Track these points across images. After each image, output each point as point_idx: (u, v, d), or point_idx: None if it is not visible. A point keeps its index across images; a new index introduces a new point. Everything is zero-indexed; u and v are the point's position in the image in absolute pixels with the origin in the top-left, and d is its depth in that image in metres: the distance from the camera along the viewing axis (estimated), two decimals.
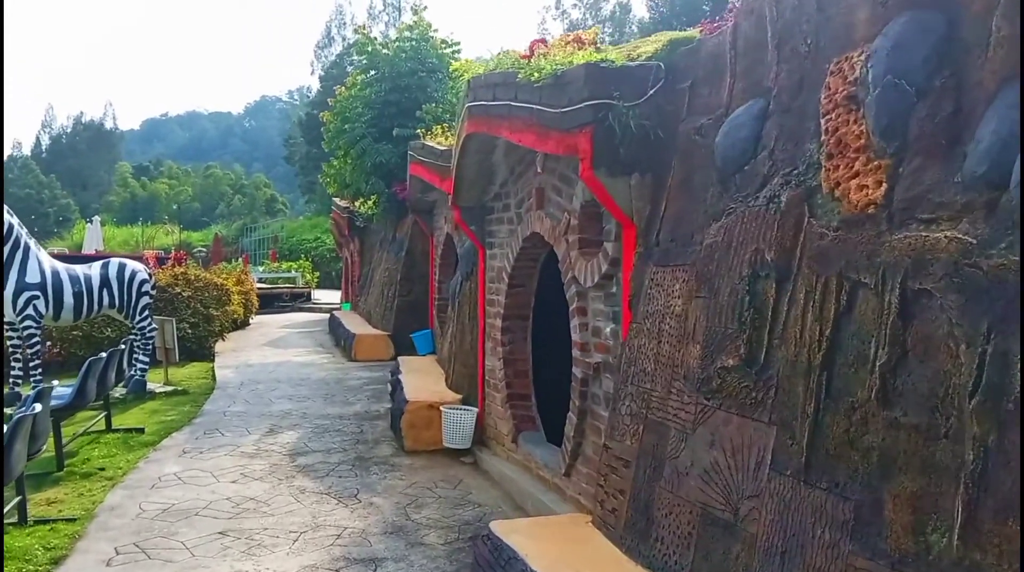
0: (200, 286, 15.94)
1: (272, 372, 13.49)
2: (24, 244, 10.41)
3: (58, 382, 10.33)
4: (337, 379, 12.67)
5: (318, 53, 76.07)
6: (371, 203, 17.21)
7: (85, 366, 7.88)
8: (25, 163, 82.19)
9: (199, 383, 12.66)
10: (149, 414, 10.26)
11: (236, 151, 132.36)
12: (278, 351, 16.44)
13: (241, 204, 74.95)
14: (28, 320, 10.31)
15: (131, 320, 11.43)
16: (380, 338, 14.71)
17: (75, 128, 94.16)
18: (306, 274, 33.80)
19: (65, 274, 10.75)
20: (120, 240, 57.36)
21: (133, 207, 74.58)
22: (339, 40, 73.20)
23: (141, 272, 11.47)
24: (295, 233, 53.04)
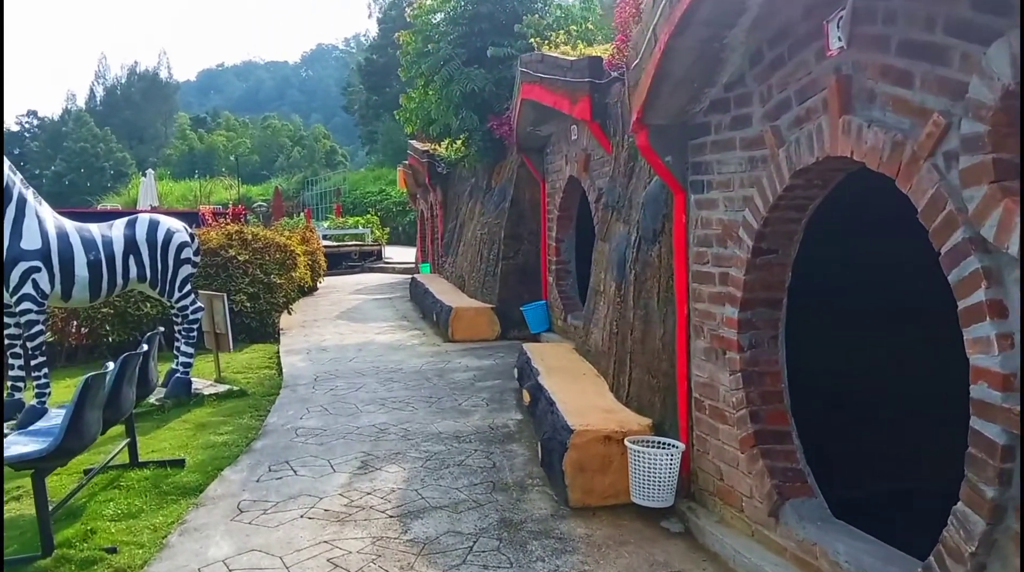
0: (259, 248, 13.06)
1: (353, 359, 10.58)
2: (18, 196, 7.56)
3: (44, 402, 7.58)
4: (437, 370, 9.69)
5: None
6: (459, 143, 14.08)
7: (80, 389, 4.88)
8: (79, 116, 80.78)
9: (260, 377, 9.81)
10: (193, 432, 7.41)
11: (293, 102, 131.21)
12: (355, 326, 13.55)
13: (300, 156, 73.38)
14: (26, 301, 7.49)
15: (168, 297, 8.55)
16: (482, 312, 11.68)
17: (129, 79, 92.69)
18: (375, 230, 30.96)
19: (77, 237, 7.89)
20: (178, 194, 55.74)
21: (191, 160, 73.13)
22: None
23: (180, 232, 8.56)
24: (358, 185, 50.89)
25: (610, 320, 6.68)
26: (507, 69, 12.93)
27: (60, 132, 78.80)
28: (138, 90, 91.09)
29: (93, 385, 4.89)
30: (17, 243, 7.47)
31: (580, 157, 9.24)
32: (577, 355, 7.99)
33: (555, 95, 8.57)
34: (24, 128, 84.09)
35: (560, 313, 10.57)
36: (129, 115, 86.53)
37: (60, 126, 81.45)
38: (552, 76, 8.55)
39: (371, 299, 17.85)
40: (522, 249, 11.61)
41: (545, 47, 10.41)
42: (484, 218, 13.17)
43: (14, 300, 7.52)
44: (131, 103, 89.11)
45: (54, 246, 7.67)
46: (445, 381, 9.04)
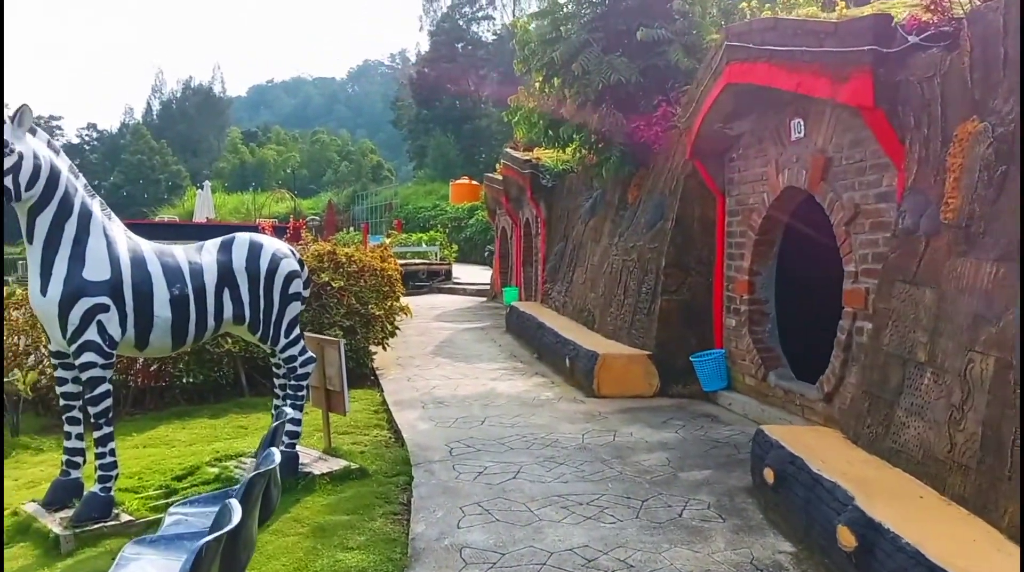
0: (354, 272, 10.94)
1: (484, 420, 8.35)
2: (81, 208, 5.49)
3: (109, 488, 5.44)
4: (609, 447, 7.38)
5: (426, 7, 72.04)
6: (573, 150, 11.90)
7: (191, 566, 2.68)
8: (137, 129, 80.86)
9: (375, 443, 7.63)
10: (311, 544, 5.20)
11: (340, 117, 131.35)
12: (462, 368, 11.36)
13: (348, 171, 73.21)
14: (89, 350, 5.39)
15: (272, 344, 6.42)
16: (636, 361, 9.38)
17: (184, 93, 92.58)
18: (443, 248, 28.88)
19: (157, 265, 5.79)
20: (231, 207, 54.73)
21: (242, 173, 72.65)
22: None
23: (288, 258, 6.41)
24: (409, 200, 49.39)
25: (984, 419, 4.30)
26: (657, 55, 10.76)
27: (118, 145, 78.92)
28: (193, 104, 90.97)
29: (206, 557, 2.71)
30: (79, 271, 5.38)
31: (814, 161, 6.98)
32: (858, 451, 5.50)
33: (799, 74, 6.32)
34: (84, 141, 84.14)
35: (753, 368, 8.28)
36: (184, 128, 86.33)
37: (118, 139, 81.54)
38: (796, 47, 6.31)
39: (461, 329, 15.69)
40: (688, 282, 9.33)
41: (766, 10, 8.19)
42: (623, 240, 10.92)
43: (73, 348, 5.43)
44: (186, 117, 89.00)
45: (127, 276, 5.58)
46: (630, 467, 6.75)
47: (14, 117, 5.16)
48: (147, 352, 5.93)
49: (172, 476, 6.43)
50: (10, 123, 5.14)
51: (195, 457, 7.02)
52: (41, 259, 5.36)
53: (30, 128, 5.28)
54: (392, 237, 30.97)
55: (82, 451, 5.81)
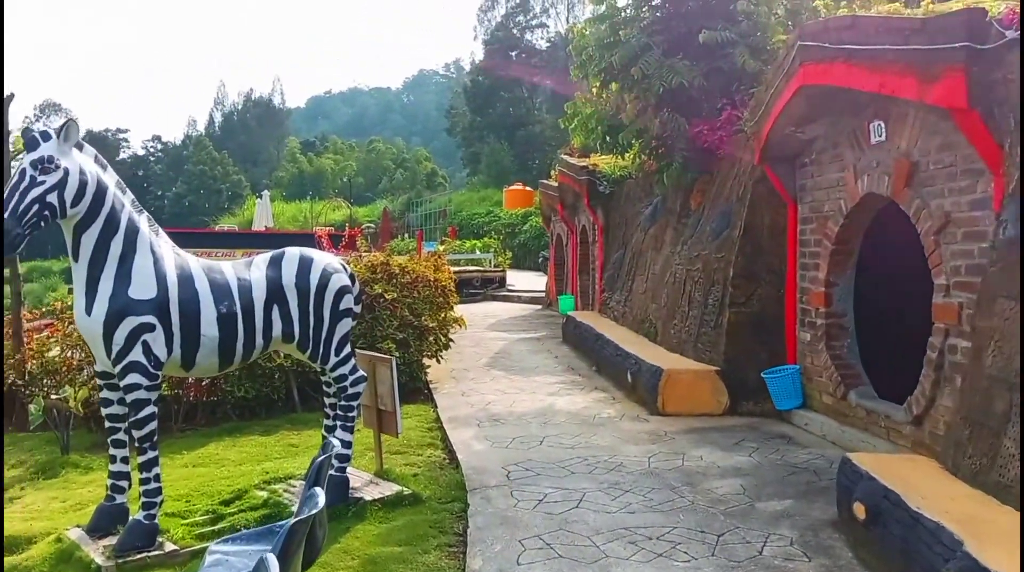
0: (407, 283, 10.67)
1: (543, 439, 7.97)
2: (128, 224, 5.28)
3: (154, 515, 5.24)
4: (678, 472, 6.92)
5: (481, 17, 72.27)
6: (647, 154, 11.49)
7: None
8: (199, 140, 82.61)
9: (429, 464, 7.30)
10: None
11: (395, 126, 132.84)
12: (518, 381, 11.00)
13: (403, 178, 74.04)
14: (134, 372, 5.16)
15: (322, 362, 6.13)
16: (704, 377, 8.91)
17: (245, 105, 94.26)
18: (497, 255, 28.59)
19: (204, 282, 5.54)
20: (289, 216, 55.39)
21: (301, 182, 73.71)
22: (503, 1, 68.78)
23: (339, 273, 6.12)
24: (463, 206, 49.42)
25: None
26: (721, 58, 10.31)
27: (181, 156, 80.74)
28: (253, 115, 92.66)
29: None
30: (124, 290, 5.16)
31: (898, 166, 6.46)
32: (959, 484, 4.94)
33: (882, 74, 5.82)
34: (149, 152, 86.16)
35: (831, 386, 7.75)
36: (244, 139, 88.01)
37: (181, 150, 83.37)
38: (878, 46, 5.82)
39: (516, 339, 15.33)
40: (757, 293, 8.83)
41: (841, 8, 7.71)
42: (686, 249, 10.46)
43: (118, 369, 5.20)
44: (246, 128, 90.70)
45: (174, 294, 5.34)
46: (702, 495, 6.31)
47: (60, 131, 4.98)
48: (193, 372, 5.70)
49: (219, 500, 6.18)
50: (56, 138, 4.95)
51: (244, 479, 6.77)
52: (86, 277, 5.15)
53: (76, 143, 5.10)
54: (446, 244, 30.83)
55: (127, 475, 5.59)
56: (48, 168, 4.84)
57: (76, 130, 5.02)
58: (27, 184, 4.78)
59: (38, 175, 4.82)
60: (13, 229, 4.68)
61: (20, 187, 4.76)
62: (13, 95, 8.29)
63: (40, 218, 4.82)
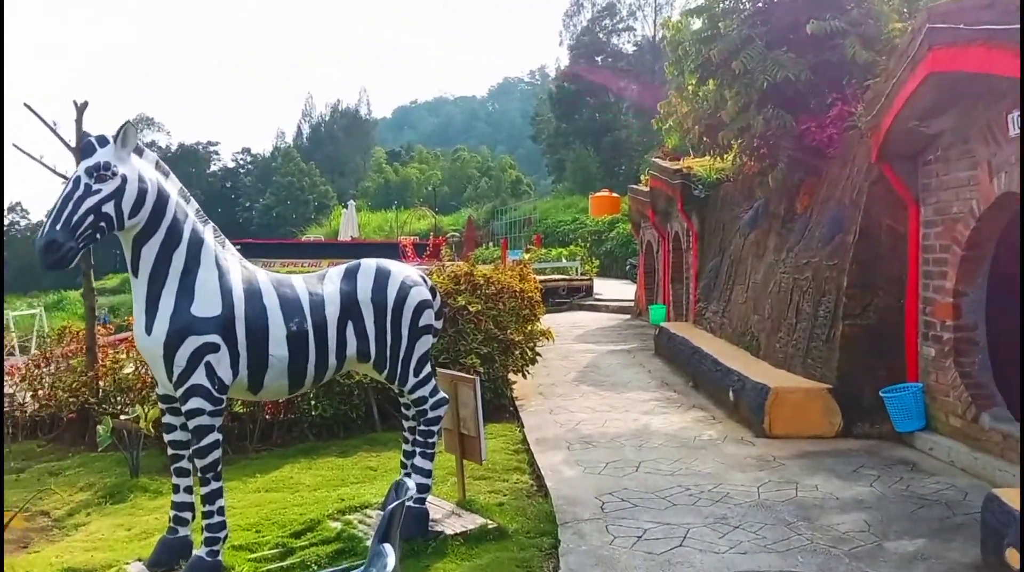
0: (492, 294, 10.17)
1: (639, 465, 7.30)
2: (191, 235, 4.89)
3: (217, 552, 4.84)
4: (791, 504, 6.20)
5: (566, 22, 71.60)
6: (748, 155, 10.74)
7: None
8: (287, 152, 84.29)
9: (516, 492, 6.74)
10: None
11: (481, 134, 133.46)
12: (609, 398, 10.35)
13: (488, 186, 73.96)
14: (197, 396, 4.76)
15: (400, 384, 5.63)
16: (814, 395, 8.11)
17: (332, 116, 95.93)
18: (584, 263, 27.95)
19: (274, 297, 5.10)
20: (375, 225, 55.85)
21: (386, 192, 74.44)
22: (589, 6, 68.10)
23: (419, 286, 5.62)
24: (548, 214, 48.88)
25: None
26: (830, 50, 9.50)
27: (270, 167, 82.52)
28: (340, 127, 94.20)
29: None
30: (187, 307, 4.76)
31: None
32: None
33: None
34: (239, 164, 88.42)
35: (959, 407, 6.88)
36: (331, 150, 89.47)
37: (270, 162, 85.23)
38: None
39: (606, 351, 14.67)
40: (874, 304, 7.99)
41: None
42: (792, 256, 9.64)
43: (179, 393, 4.81)
44: (333, 139, 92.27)
45: (240, 311, 4.93)
46: (821, 532, 5.57)
47: (117, 136, 4.60)
48: (262, 395, 5.28)
49: (290, 531, 5.75)
50: (113, 143, 4.59)
51: (318, 506, 6.34)
52: (147, 293, 4.78)
53: (136, 148, 4.73)
54: (531, 252, 30.33)
55: (191, 505, 5.21)
56: (104, 175, 4.48)
57: (134, 134, 4.64)
58: (81, 193, 4.42)
59: (93, 183, 4.46)
60: (65, 242, 4.31)
61: (74, 196, 4.40)
62: (87, 103, 8.12)
63: (95, 230, 4.46)
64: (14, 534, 6.48)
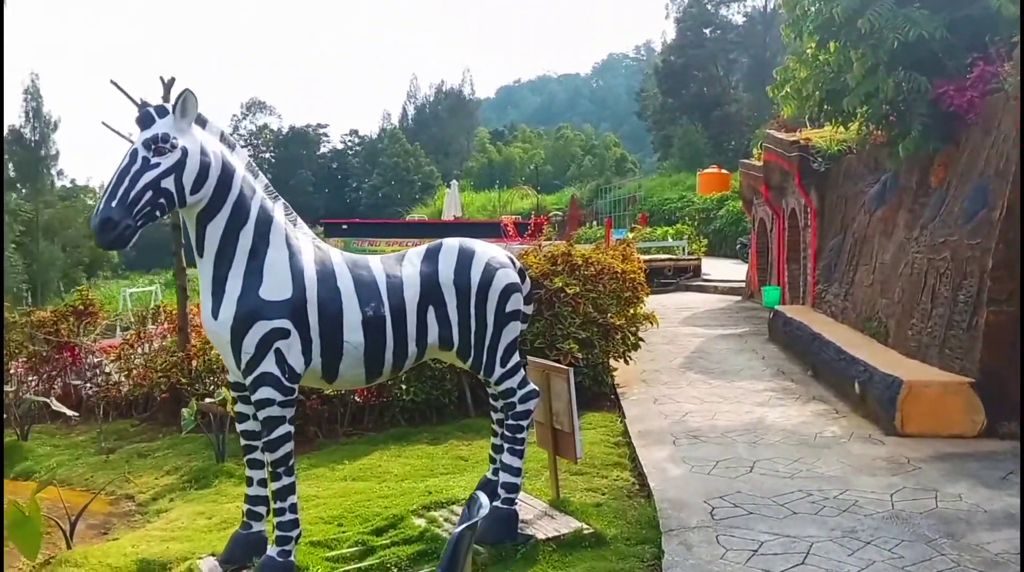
0: (591, 276, 9.59)
1: (753, 464, 6.63)
2: (259, 213, 4.51)
3: (289, 553, 4.46)
4: (931, 517, 5.42)
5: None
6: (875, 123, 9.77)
7: None
8: (393, 133, 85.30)
9: (615, 491, 6.19)
10: None
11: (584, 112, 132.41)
12: (719, 388, 9.63)
13: (591, 165, 73.20)
14: (266, 385, 4.40)
15: (486, 373, 5.15)
16: (954, 390, 7.22)
17: (437, 97, 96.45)
18: (692, 242, 26.93)
19: (348, 279, 4.69)
20: (478, 205, 55.91)
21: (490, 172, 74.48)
22: None
23: (505, 268, 5.09)
24: (653, 192, 47.73)
25: None
26: (969, 4, 8.47)
27: (376, 148, 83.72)
28: (444, 107, 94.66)
29: None
30: (254, 289, 4.40)
31: None
32: None
33: None
34: (347, 146, 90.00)
35: None
36: (436, 131, 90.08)
37: (377, 143, 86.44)
38: None
39: (715, 336, 13.86)
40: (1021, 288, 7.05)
41: None
42: (927, 234, 8.68)
43: (248, 381, 4.46)
44: (438, 119, 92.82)
45: (312, 294, 4.53)
46: (970, 553, 4.80)
47: (175, 105, 4.24)
48: (337, 384, 4.90)
49: (372, 527, 5.38)
50: (172, 114, 4.23)
51: (404, 499, 5.97)
52: (213, 275, 4.44)
53: (199, 119, 4.37)
54: (636, 231, 29.49)
55: (265, 499, 4.88)
56: (163, 148, 4.13)
57: (194, 103, 4.27)
58: (139, 167, 4.08)
59: (152, 156, 4.11)
60: (122, 220, 3.98)
61: (131, 171, 4.06)
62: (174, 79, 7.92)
63: (154, 207, 4.12)
64: (96, 519, 6.38)
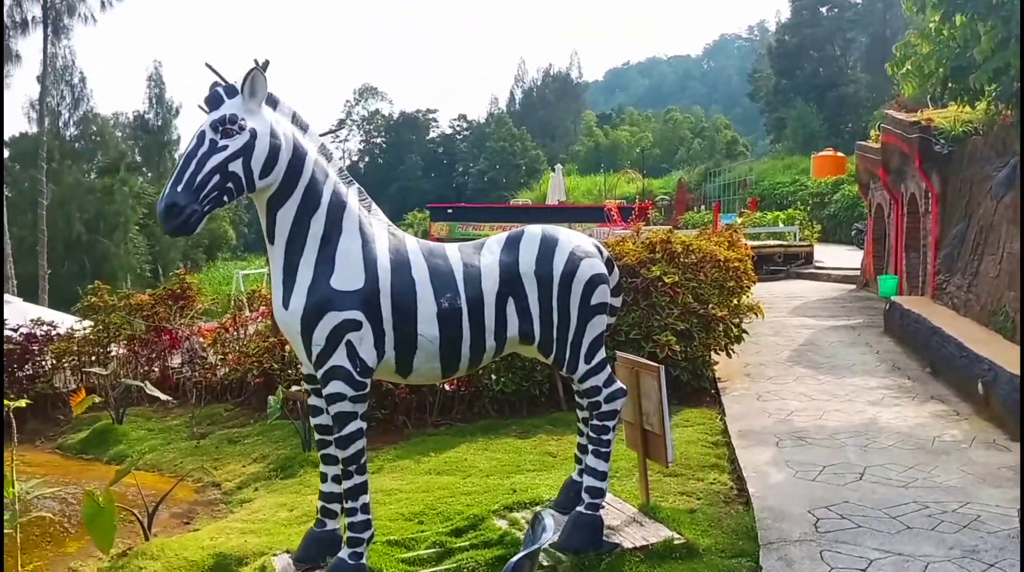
0: (692, 264, 9.14)
1: (863, 471, 6.11)
2: (332, 198, 4.33)
3: (360, 555, 4.29)
4: None
5: None
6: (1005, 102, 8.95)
7: None
8: (500, 117, 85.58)
9: (710, 497, 5.80)
10: None
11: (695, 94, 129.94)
12: (827, 384, 9.03)
13: (701, 148, 71.76)
14: (337, 379, 4.23)
15: (570, 370, 4.84)
16: None
17: (544, 80, 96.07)
18: (804, 228, 25.81)
19: (423, 268, 4.47)
20: (583, 189, 55.47)
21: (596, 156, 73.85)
22: None
23: (591, 258, 4.76)
24: (765, 175, 46.31)
25: None
26: None
27: (484, 133, 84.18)
28: (551, 91, 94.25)
29: None
30: (325, 279, 4.22)
31: None
32: None
33: None
34: (455, 131, 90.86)
35: None
36: (543, 115, 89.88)
37: (484, 127, 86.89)
38: None
39: (826, 327, 13.13)
40: None
41: None
42: None
43: (319, 374, 4.31)
44: (545, 103, 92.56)
45: (385, 284, 4.33)
46: None
47: (243, 84, 4.09)
48: (411, 379, 4.69)
49: (452, 527, 5.19)
50: (240, 94, 4.09)
51: (487, 497, 5.76)
52: (284, 263, 4.29)
53: (269, 99, 4.21)
54: (745, 216, 28.51)
55: (340, 496, 4.72)
56: (231, 130, 3.97)
57: (263, 82, 4.11)
58: (206, 150, 3.94)
59: (219, 139, 3.96)
60: (188, 205, 3.85)
61: (197, 154, 3.92)
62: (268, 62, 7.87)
63: (222, 191, 3.97)
64: (181, 507, 6.42)
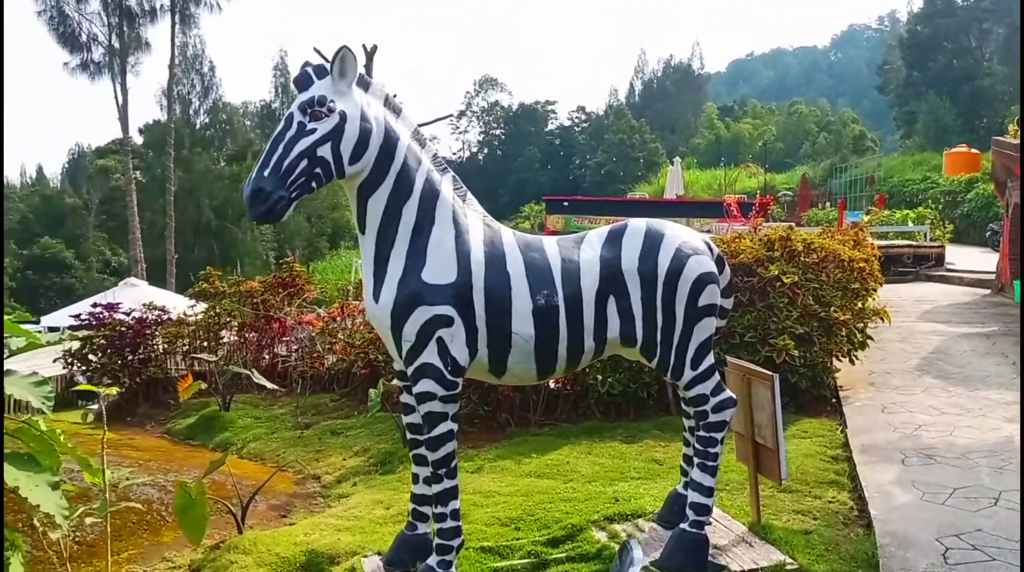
0: (813, 264, 8.59)
1: (1000, 495, 5.49)
2: (425, 186, 4.16)
3: (450, 563, 4.11)
4: None
5: None
6: None
7: None
8: (619, 109, 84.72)
9: (827, 517, 5.36)
10: None
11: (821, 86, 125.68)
12: (960, 396, 8.33)
13: (826, 142, 69.48)
14: (427, 377, 4.06)
15: (675, 376, 4.50)
16: None
17: (664, 72, 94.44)
18: (935, 228, 24.32)
19: (519, 262, 4.24)
20: (703, 183, 54.29)
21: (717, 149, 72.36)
22: None
23: (699, 255, 4.41)
24: (893, 172, 44.26)
25: None
26: None
27: (602, 125, 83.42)
28: (672, 82, 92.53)
29: None
30: (416, 271, 4.05)
31: None
32: None
33: None
34: (574, 123, 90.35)
35: None
36: (663, 107, 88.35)
37: (603, 119, 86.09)
38: None
39: (958, 334, 12.19)
40: None
41: None
42: None
43: (410, 372, 4.14)
44: (665, 95, 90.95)
45: (478, 279, 4.13)
46: None
47: (332, 65, 3.92)
48: (506, 379, 4.47)
49: (549, 536, 4.96)
50: (329, 74, 3.92)
51: (588, 505, 5.51)
52: (375, 254, 4.14)
53: (360, 80, 4.03)
54: (872, 214, 27.10)
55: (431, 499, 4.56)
56: (319, 113, 3.82)
57: (353, 62, 3.91)
58: (293, 133, 3.80)
59: (308, 122, 3.82)
60: (275, 190, 3.72)
61: (285, 137, 3.79)
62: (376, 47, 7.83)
63: (310, 177, 3.82)
64: (279, 499, 6.42)
